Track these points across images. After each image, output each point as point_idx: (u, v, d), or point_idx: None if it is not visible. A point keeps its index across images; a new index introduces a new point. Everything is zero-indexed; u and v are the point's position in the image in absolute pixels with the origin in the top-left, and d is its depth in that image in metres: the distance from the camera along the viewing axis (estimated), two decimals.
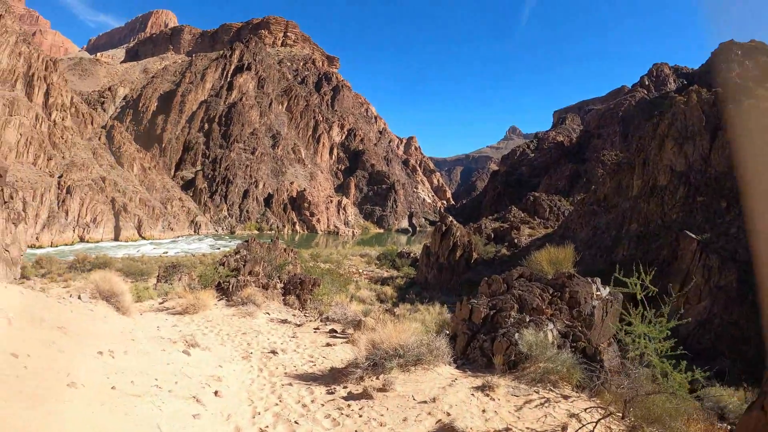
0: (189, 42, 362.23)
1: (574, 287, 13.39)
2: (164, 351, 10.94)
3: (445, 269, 79.55)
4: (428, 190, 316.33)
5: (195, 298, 19.06)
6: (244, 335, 15.27)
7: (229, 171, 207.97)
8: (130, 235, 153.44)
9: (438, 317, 42.09)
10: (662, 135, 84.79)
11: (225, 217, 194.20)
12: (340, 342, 14.88)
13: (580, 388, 9.89)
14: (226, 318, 17.98)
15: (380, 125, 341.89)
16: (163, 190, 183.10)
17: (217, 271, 26.63)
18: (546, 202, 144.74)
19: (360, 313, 19.93)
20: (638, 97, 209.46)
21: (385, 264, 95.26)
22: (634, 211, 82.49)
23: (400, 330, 10.78)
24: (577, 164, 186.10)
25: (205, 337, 14.16)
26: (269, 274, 27.52)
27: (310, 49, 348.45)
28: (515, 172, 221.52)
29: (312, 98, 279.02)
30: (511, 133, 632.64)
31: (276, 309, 21.24)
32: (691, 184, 77.09)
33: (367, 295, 55.81)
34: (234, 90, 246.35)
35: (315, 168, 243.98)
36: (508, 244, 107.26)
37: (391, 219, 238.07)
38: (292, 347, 14.01)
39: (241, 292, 21.78)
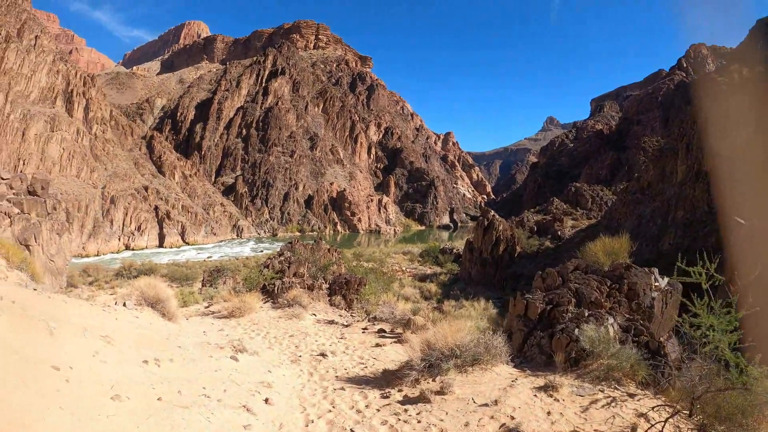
0: (222, 50, 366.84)
1: (633, 278, 12.76)
2: (211, 357, 10.68)
3: (488, 264, 78.72)
4: (468, 185, 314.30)
5: (240, 301, 18.88)
6: (292, 338, 14.97)
7: (268, 174, 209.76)
8: (174, 242, 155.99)
9: (484, 313, 41.52)
10: (705, 117, 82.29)
11: (266, 220, 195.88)
12: (390, 342, 14.47)
13: (644, 384, 9.35)
14: (273, 320, 17.75)
15: (417, 122, 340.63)
16: (205, 196, 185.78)
17: (262, 273, 26.47)
18: (588, 192, 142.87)
19: (408, 311, 19.45)
20: (677, 80, 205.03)
21: (427, 261, 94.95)
22: (679, 198, 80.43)
23: (455, 329, 10.32)
24: (617, 152, 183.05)
25: (252, 341, 13.90)
26: (314, 275, 27.24)
27: (343, 50, 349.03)
28: (555, 163, 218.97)
29: (347, 99, 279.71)
30: (549, 123, 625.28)
31: (322, 310, 21.01)
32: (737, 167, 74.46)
33: (411, 293, 55.47)
34: (269, 95, 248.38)
35: (354, 168, 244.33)
36: (551, 237, 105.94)
37: (431, 215, 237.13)
38: (341, 349, 13.67)
39: (286, 293, 21.58)
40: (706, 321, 8.18)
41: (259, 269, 27.73)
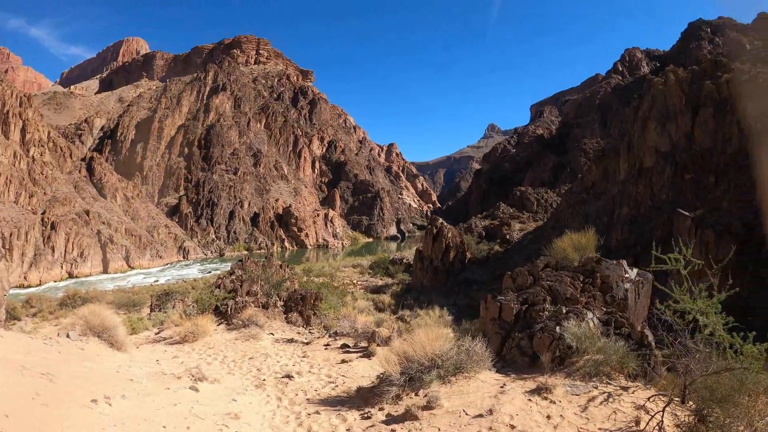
0: (162, 67, 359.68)
1: (605, 272, 12.55)
2: (169, 389, 9.73)
3: (440, 272, 78.85)
4: (413, 195, 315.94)
5: (193, 324, 17.88)
6: (252, 360, 14.12)
7: (212, 193, 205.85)
8: (119, 267, 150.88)
9: (439, 320, 41.12)
10: (644, 117, 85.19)
11: (213, 240, 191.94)
12: (356, 357, 13.80)
13: (633, 376, 9.14)
14: (229, 343, 16.83)
15: (360, 135, 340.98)
16: (149, 218, 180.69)
17: (214, 294, 25.45)
18: (533, 195, 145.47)
19: (371, 324, 18.69)
20: (613, 83, 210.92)
21: (378, 272, 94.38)
22: (623, 195, 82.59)
23: (433, 337, 9.68)
24: (559, 155, 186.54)
25: (210, 367, 12.99)
26: (268, 293, 26.28)
27: (284, 65, 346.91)
28: (498, 169, 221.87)
29: (290, 113, 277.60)
30: (490, 130, 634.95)
31: (279, 328, 20.21)
32: (677, 162, 77.28)
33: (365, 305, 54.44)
34: (211, 112, 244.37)
35: (299, 183, 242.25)
36: (500, 241, 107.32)
37: (379, 227, 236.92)
38: (306, 368, 12.88)
39: (240, 314, 20.72)
40: (694, 306, 8.04)
41: (211, 290, 26.66)
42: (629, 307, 12.01)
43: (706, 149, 75.45)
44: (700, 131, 76.90)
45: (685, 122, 79.30)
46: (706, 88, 79.20)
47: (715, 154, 73.93)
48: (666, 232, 65.95)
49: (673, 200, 72.17)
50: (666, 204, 72.82)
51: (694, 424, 6.96)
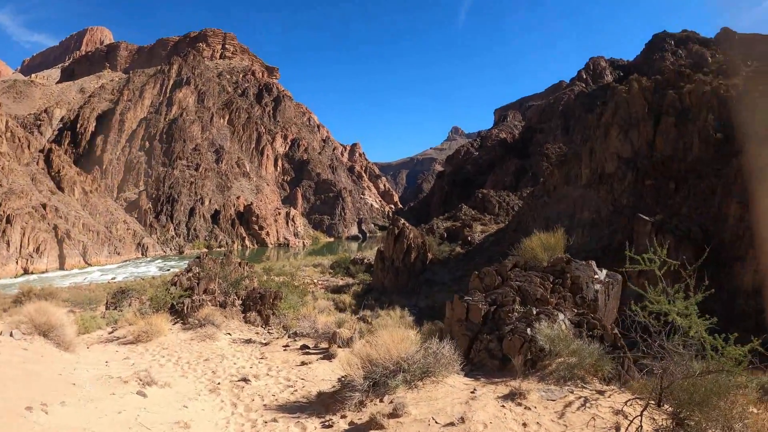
0: (126, 59, 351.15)
1: (575, 272, 12.26)
2: (114, 395, 9.01)
3: (401, 272, 78.71)
4: (375, 195, 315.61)
5: (147, 323, 16.98)
6: (207, 362, 13.41)
7: (173, 189, 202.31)
8: (75, 263, 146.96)
9: (401, 321, 40.86)
10: (607, 124, 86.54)
11: (172, 237, 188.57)
12: (317, 359, 13.23)
13: (608, 380, 8.88)
14: (184, 343, 16.02)
15: (323, 134, 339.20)
16: (107, 214, 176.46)
17: (169, 291, 24.49)
18: (495, 198, 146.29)
19: (332, 324, 18.11)
20: (577, 90, 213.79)
21: (339, 272, 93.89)
22: (584, 199, 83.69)
23: (398, 338, 9.12)
24: (521, 159, 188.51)
25: (162, 369, 12.25)
26: (226, 291, 25.46)
27: (249, 61, 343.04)
28: (461, 171, 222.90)
29: (253, 110, 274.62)
30: (454, 133, 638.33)
31: (237, 328, 19.46)
32: (639, 168, 78.76)
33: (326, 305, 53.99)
34: (174, 105, 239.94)
35: (260, 181, 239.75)
36: (461, 242, 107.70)
37: (340, 227, 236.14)
38: (263, 371, 12.25)
39: (197, 312, 19.86)
40: (673, 307, 7.78)
41: (166, 287, 25.73)
42: (599, 309, 11.78)
43: (667, 157, 77.01)
44: (661, 139, 78.50)
45: (647, 130, 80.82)
46: (669, 97, 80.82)
47: (676, 162, 75.49)
48: (626, 236, 66.75)
49: (633, 205, 73.31)
50: (626, 209, 73.95)
51: (673, 428, 6.77)
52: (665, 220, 62.61)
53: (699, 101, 78.69)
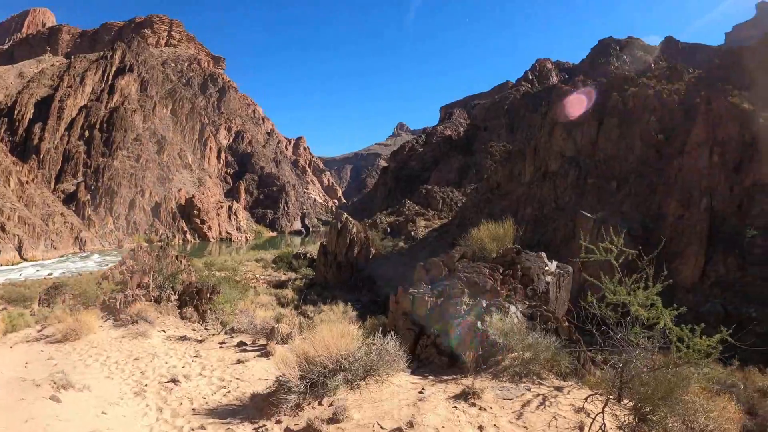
0: (68, 43, 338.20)
1: (525, 263, 11.85)
2: (23, 400, 8.04)
3: (344, 267, 78.27)
4: (319, 190, 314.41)
5: (76, 320, 15.88)
6: (137, 361, 12.47)
7: (113, 181, 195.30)
8: (11, 258, 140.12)
9: (343, 316, 40.33)
10: (551, 123, 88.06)
11: (111, 231, 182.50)
12: (254, 356, 12.41)
13: (563, 375, 8.42)
14: (115, 341, 15.01)
15: (268, 126, 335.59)
16: (44, 206, 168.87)
17: (101, 286, 23.20)
18: (438, 194, 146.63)
19: (271, 319, 17.25)
20: (523, 90, 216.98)
21: (281, 267, 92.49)
22: (528, 196, 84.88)
23: (338, 334, 8.31)
24: (466, 156, 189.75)
25: (87, 370, 11.27)
26: (161, 286, 24.26)
27: (195, 49, 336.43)
28: (405, 167, 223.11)
29: (197, 100, 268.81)
30: (399, 129, 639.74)
31: (172, 324, 18.44)
32: (581, 167, 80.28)
33: (268, 300, 52.96)
34: (116, 93, 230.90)
35: (203, 173, 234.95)
36: (405, 237, 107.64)
37: (283, 221, 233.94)
38: (196, 370, 11.38)
39: (129, 308, 18.73)
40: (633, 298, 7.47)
41: (97, 282, 24.38)
42: (551, 301, 11.45)
43: (609, 156, 78.84)
44: (604, 139, 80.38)
45: (591, 130, 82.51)
46: (613, 99, 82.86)
47: (618, 162, 77.38)
48: (568, 232, 68.29)
49: (575, 203, 74.64)
50: (569, 206, 75.21)
51: (635, 424, 6.45)
52: (607, 218, 63.89)
53: (642, 104, 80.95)
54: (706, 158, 64.49)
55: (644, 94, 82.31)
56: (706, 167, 63.94)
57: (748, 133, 63.52)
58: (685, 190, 63.69)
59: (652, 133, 77.15)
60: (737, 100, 68.10)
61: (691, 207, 61.51)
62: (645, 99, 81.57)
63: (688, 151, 67.17)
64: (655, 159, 74.77)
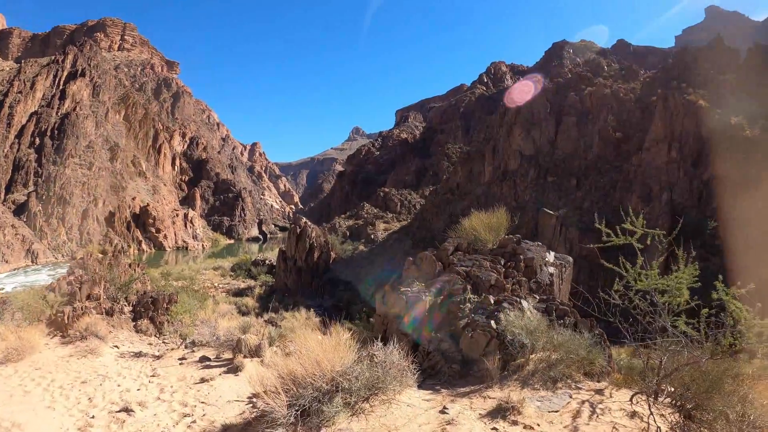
0: (19, 46, 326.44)
1: (528, 254, 10.73)
2: None
3: (304, 272, 77.51)
4: (275, 195, 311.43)
5: (18, 338, 13.99)
6: (85, 385, 10.73)
7: (65, 190, 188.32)
8: None
9: (307, 323, 39.02)
10: (510, 123, 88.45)
11: (64, 242, 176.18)
12: (219, 372, 10.80)
13: (596, 375, 7.30)
14: (62, 361, 13.23)
15: (223, 132, 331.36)
16: None
17: (45, 299, 21.16)
18: (396, 196, 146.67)
19: (236, 329, 15.40)
20: (478, 93, 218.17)
21: (240, 274, 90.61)
22: (488, 195, 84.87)
23: (329, 346, 6.60)
24: (422, 159, 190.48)
25: (25, 399, 9.55)
26: (113, 297, 22.28)
27: (149, 54, 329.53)
28: (362, 170, 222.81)
29: (151, 106, 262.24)
30: (355, 133, 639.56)
31: (127, 339, 16.75)
32: (541, 166, 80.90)
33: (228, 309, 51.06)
34: (67, 99, 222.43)
35: (157, 180, 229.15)
36: (365, 241, 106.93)
37: (240, 228, 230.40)
38: (153, 394, 9.68)
39: (78, 322, 16.81)
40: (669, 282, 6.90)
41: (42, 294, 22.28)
42: (555, 294, 10.29)
43: (568, 154, 79.48)
44: (562, 138, 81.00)
45: (549, 129, 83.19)
46: (570, 98, 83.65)
47: (577, 159, 78.07)
48: (530, 229, 68.05)
49: (536, 201, 74.77)
50: (530, 204, 75.20)
51: (682, 422, 5.60)
52: (568, 214, 64.29)
53: (599, 102, 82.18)
54: (664, 154, 65.64)
55: (601, 93, 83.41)
56: (665, 162, 65.12)
57: (704, 129, 65.20)
58: (645, 185, 64.74)
59: (610, 130, 78.26)
60: (693, 97, 69.63)
61: (652, 202, 62.19)
62: (602, 97, 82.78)
63: (647, 148, 68.22)
64: (613, 156, 75.74)
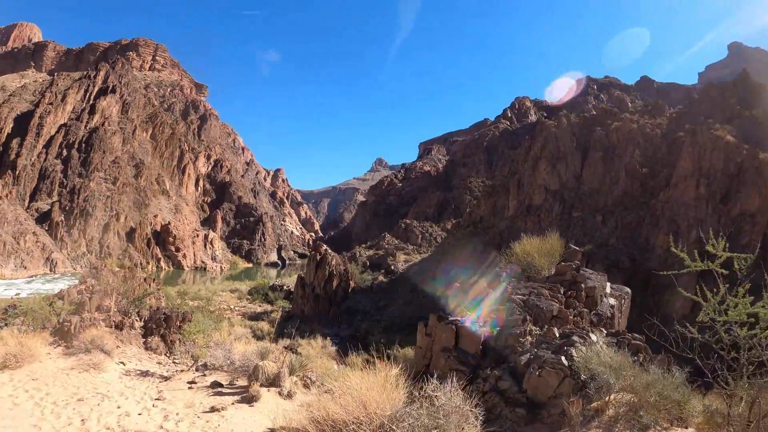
0: (52, 59, 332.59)
1: (588, 282, 9.33)
2: None
3: (322, 300, 76.51)
4: (296, 222, 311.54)
5: (18, 345, 13.00)
6: (81, 403, 9.64)
7: (88, 202, 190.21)
8: None
9: (322, 351, 37.87)
10: (535, 157, 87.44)
11: (84, 254, 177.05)
12: (232, 401, 9.64)
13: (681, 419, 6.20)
14: (61, 373, 12.31)
15: (247, 156, 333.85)
16: (16, 223, 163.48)
17: (53, 306, 20.16)
18: (418, 228, 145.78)
19: (253, 354, 14.06)
20: (502, 128, 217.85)
21: (257, 298, 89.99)
22: (511, 230, 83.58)
23: (376, 383, 5.26)
24: (444, 192, 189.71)
25: (12, 413, 8.59)
26: (125, 310, 21.23)
27: (179, 75, 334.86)
28: (384, 201, 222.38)
29: (178, 126, 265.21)
30: (378, 164, 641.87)
31: (134, 356, 15.72)
32: (566, 201, 79.72)
33: (243, 332, 50.20)
34: (96, 114, 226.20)
35: (180, 200, 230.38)
36: (385, 271, 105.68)
37: (259, 252, 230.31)
38: (156, 421, 8.54)
39: (84, 333, 15.75)
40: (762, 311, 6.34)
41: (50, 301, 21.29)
42: (615, 327, 9.04)
43: (593, 190, 78.20)
44: (588, 173, 79.83)
45: (575, 164, 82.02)
46: (597, 133, 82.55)
47: (603, 195, 76.75)
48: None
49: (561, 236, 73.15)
50: None
51: None
52: (594, 251, 63.10)
53: (626, 138, 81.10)
54: (692, 190, 64.70)
55: (628, 128, 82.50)
56: (693, 198, 64.01)
57: (733, 165, 64.01)
58: (672, 221, 63.80)
59: (636, 166, 77.15)
60: (720, 132, 68.54)
61: (679, 238, 60.59)
62: (629, 133, 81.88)
63: (674, 184, 67.16)
64: (640, 192, 74.53)
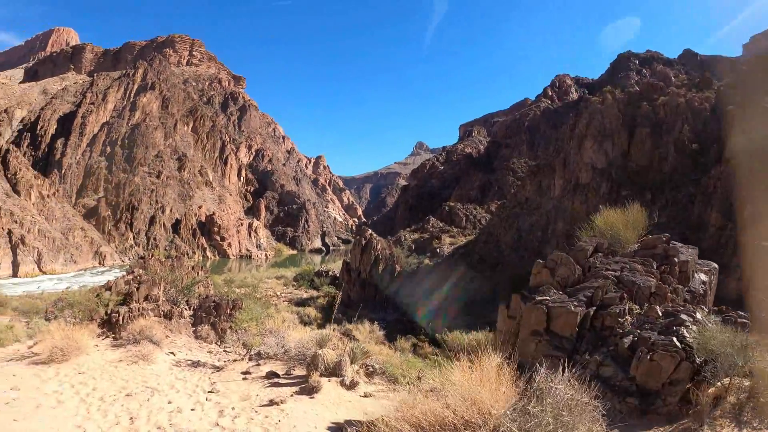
0: (91, 61, 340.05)
1: (681, 257, 8.36)
2: None
3: (368, 284, 76.12)
4: (339, 208, 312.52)
5: (65, 337, 12.59)
6: (129, 398, 9.05)
7: (133, 197, 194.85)
8: (29, 270, 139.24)
9: (370, 336, 37.36)
10: (581, 135, 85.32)
11: (131, 246, 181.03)
12: (291, 393, 8.95)
13: None
14: (109, 365, 11.88)
15: (288, 145, 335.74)
16: (64, 220, 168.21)
17: (100, 297, 19.81)
18: (462, 211, 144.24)
19: (310, 342, 13.03)
20: (543, 107, 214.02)
21: (303, 284, 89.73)
22: (558, 210, 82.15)
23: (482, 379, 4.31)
24: (487, 174, 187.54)
25: (55, 412, 7.99)
26: (174, 300, 20.83)
27: (216, 69, 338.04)
28: (426, 185, 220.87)
29: (218, 119, 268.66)
30: (418, 148, 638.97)
31: (184, 345, 15.26)
32: (614, 179, 77.82)
33: (290, 318, 50.12)
34: (137, 110, 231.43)
35: (223, 190, 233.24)
36: (430, 254, 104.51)
37: (303, 239, 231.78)
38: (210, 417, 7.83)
39: (132, 324, 15.32)
40: None
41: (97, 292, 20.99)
42: (707, 304, 8.21)
43: (642, 167, 75.99)
44: (636, 150, 77.69)
45: (622, 141, 79.85)
46: (643, 108, 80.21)
47: (652, 172, 74.53)
48: None
49: None
50: None
51: None
52: None
53: (673, 113, 78.59)
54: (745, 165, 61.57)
55: (675, 103, 79.65)
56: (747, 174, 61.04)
57: None
58: (725, 199, 60.43)
59: (685, 141, 74.41)
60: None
61: (733, 216, 58.12)
62: (676, 107, 79.03)
63: (726, 159, 64.06)
64: (690, 168, 71.86)
